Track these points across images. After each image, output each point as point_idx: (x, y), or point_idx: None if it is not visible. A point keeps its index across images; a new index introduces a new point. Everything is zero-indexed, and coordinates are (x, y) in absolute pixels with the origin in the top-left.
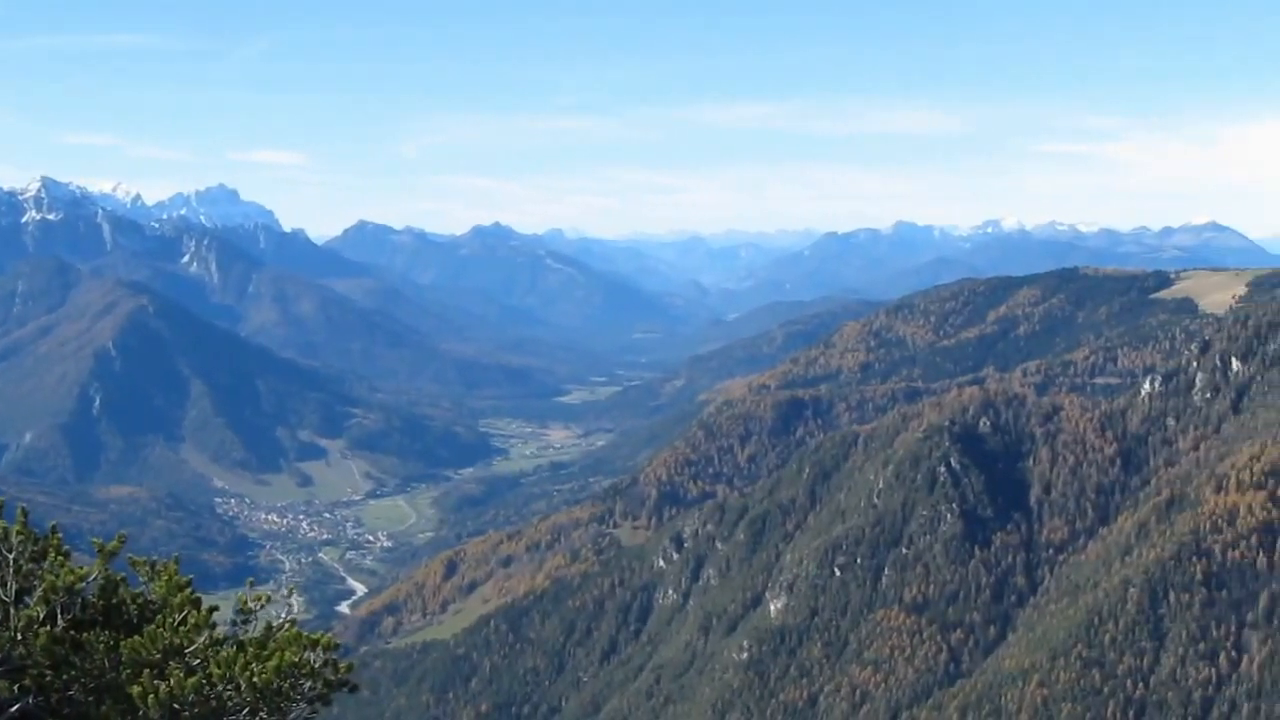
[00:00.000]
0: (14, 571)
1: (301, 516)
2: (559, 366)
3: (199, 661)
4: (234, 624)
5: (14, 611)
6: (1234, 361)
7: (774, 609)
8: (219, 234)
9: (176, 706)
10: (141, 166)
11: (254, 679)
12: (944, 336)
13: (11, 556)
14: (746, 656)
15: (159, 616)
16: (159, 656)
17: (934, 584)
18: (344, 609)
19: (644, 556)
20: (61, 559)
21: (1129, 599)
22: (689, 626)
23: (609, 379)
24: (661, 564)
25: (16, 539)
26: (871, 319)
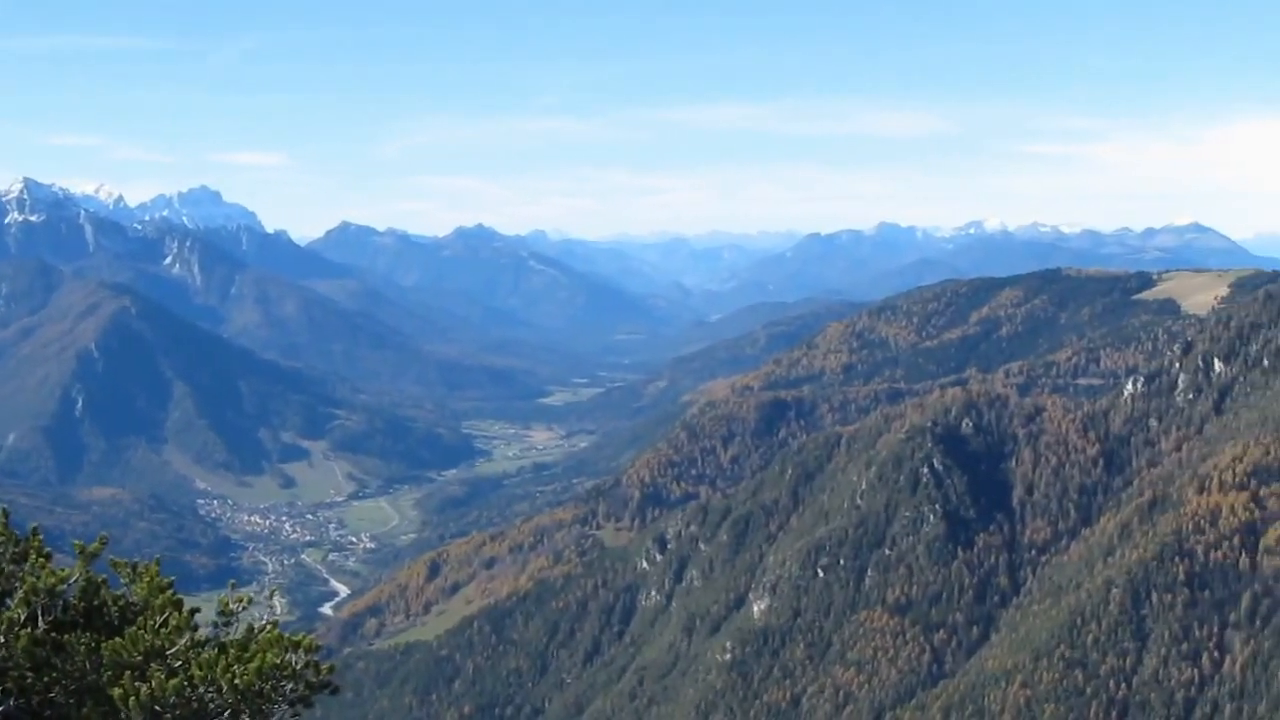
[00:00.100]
0: None
1: (284, 518)
2: (542, 368)
3: (180, 663)
4: (216, 626)
5: None
6: (1216, 362)
7: (757, 610)
8: (201, 235)
9: (158, 709)
10: (124, 168)
11: (236, 681)
12: (927, 337)
13: None
14: (729, 657)
15: (140, 618)
16: (140, 658)
17: (917, 585)
18: (327, 610)
19: (627, 558)
20: (43, 561)
21: (1111, 599)
22: (672, 628)
23: (592, 380)
24: (644, 565)
25: None
26: (854, 320)
